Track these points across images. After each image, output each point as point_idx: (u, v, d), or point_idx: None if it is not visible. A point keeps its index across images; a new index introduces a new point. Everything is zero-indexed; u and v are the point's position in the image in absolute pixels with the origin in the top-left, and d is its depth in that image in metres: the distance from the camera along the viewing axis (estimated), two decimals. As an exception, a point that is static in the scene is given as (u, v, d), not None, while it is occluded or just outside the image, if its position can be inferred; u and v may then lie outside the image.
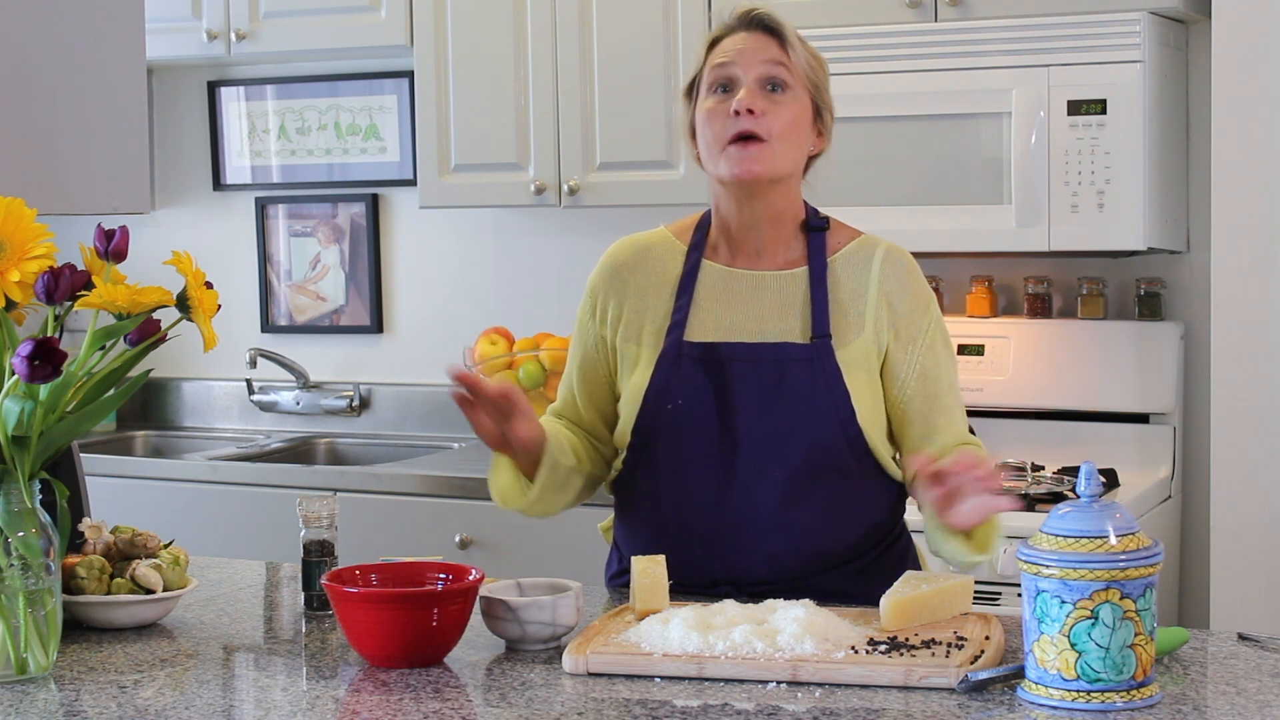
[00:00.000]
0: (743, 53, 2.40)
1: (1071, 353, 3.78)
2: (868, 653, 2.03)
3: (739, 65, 2.39)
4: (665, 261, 2.50)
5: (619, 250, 2.54)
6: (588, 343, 2.53)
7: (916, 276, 2.47)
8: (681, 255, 2.49)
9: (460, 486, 3.89)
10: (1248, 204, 3.38)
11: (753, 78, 2.39)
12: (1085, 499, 1.89)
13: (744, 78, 2.39)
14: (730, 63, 2.40)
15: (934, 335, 2.45)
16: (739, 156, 2.37)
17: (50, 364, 2.00)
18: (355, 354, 4.72)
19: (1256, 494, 3.38)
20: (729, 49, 2.41)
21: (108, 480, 4.08)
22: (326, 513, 2.44)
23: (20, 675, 2.08)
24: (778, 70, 2.39)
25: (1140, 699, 1.87)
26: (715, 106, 2.40)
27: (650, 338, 2.46)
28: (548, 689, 2.00)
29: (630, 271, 2.50)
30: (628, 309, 2.48)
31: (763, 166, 2.37)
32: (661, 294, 2.48)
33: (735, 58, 2.40)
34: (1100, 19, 3.47)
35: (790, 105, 2.40)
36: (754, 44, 2.41)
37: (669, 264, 2.50)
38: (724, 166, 2.39)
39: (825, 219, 2.48)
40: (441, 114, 4.16)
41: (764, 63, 2.39)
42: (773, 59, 2.40)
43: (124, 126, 3.06)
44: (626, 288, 2.49)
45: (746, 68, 2.39)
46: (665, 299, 2.47)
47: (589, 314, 2.53)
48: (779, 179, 2.40)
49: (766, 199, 2.42)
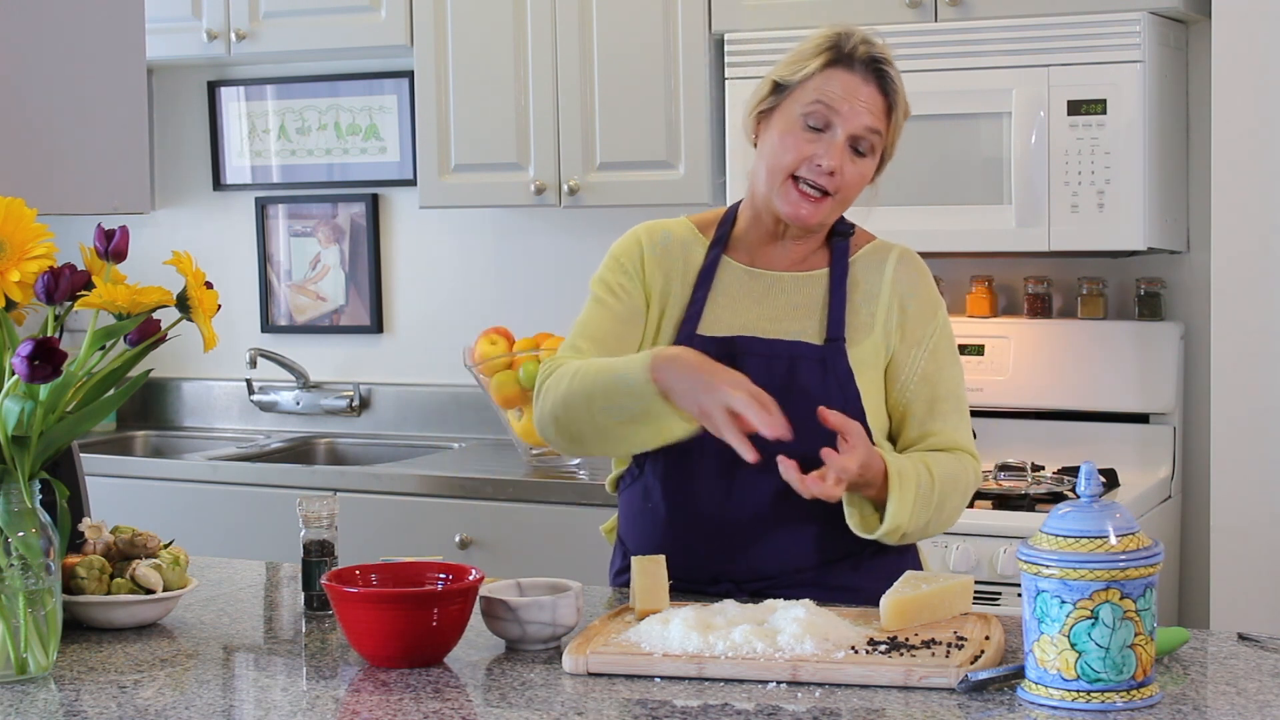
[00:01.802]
0: (852, 103, 2.38)
1: (1071, 353, 3.78)
2: (868, 653, 2.03)
3: (841, 115, 2.38)
4: (688, 251, 2.51)
5: (648, 231, 2.54)
6: (632, 303, 2.48)
7: (928, 281, 2.49)
8: (703, 249, 2.51)
9: (460, 486, 3.89)
10: (1248, 204, 3.38)
11: (847, 134, 2.39)
12: (1085, 499, 1.89)
13: (840, 130, 2.38)
14: (834, 110, 2.38)
15: (939, 340, 2.46)
16: (799, 202, 2.40)
17: (50, 364, 2.00)
18: (355, 354, 4.72)
19: (1256, 494, 3.38)
20: (840, 91, 2.39)
21: (108, 480, 4.08)
22: (326, 513, 2.44)
23: (20, 675, 2.08)
24: (873, 137, 2.41)
25: (1140, 699, 1.87)
26: (800, 138, 2.39)
27: (668, 325, 2.47)
28: (548, 689, 2.00)
29: (663, 254, 2.51)
30: (658, 289, 2.49)
31: (818, 220, 2.42)
32: (682, 283, 2.49)
33: (841, 107, 2.38)
34: (1100, 19, 3.47)
35: (865, 166, 2.42)
36: (865, 96, 2.39)
37: (691, 255, 2.51)
38: (781, 202, 2.41)
39: (851, 226, 2.50)
40: (441, 114, 4.16)
41: (864, 125, 2.39)
42: (872, 124, 2.40)
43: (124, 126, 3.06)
44: (658, 267, 2.50)
45: (847, 120, 2.38)
46: (684, 289, 2.49)
47: (631, 277, 2.49)
48: (824, 226, 2.46)
49: (803, 233, 2.47)
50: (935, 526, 2.40)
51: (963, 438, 2.46)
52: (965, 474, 2.43)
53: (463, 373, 4.30)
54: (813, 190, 2.39)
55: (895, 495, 2.31)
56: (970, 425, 2.50)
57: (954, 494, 2.40)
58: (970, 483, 2.44)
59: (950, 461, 2.41)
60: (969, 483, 2.44)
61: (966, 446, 2.46)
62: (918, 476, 2.34)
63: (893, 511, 2.32)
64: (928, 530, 2.39)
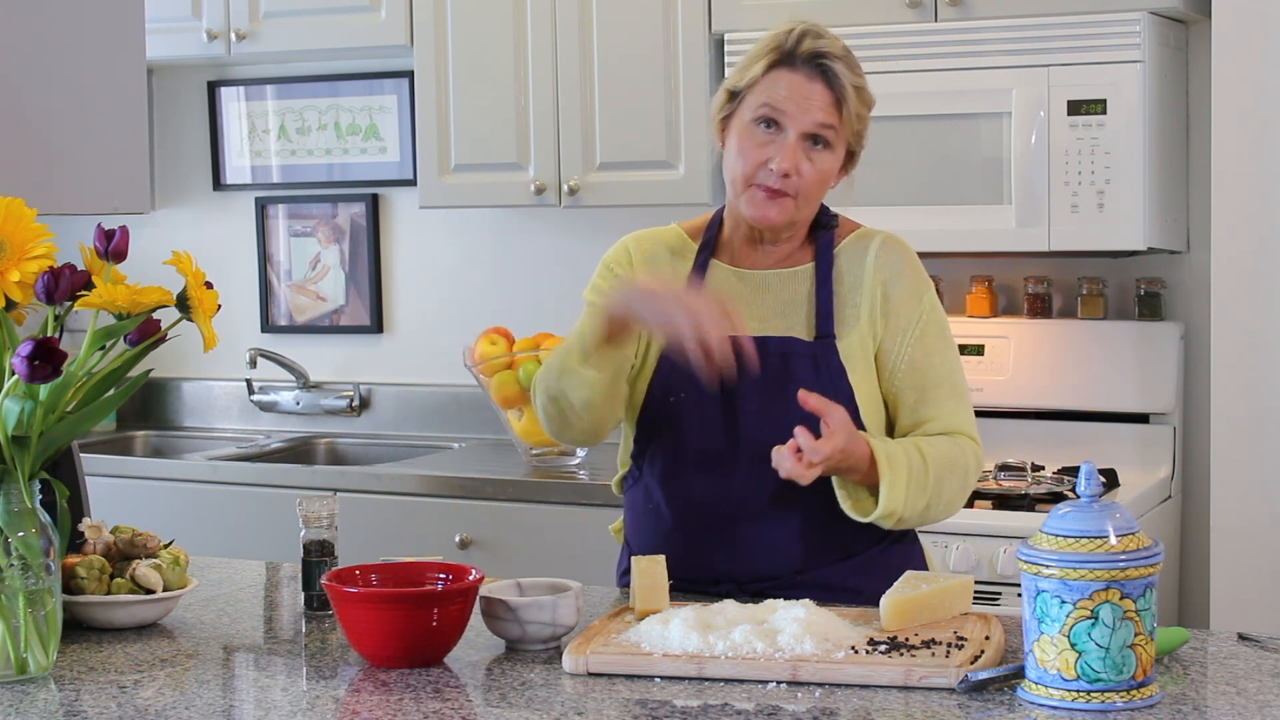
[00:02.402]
0: (799, 102, 2.38)
1: (1071, 353, 3.78)
2: (868, 653, 2.03)
3: (790, 116, 2.38)
4: (677, 258, 2.51)
5: (637, 241, 2.55)
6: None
7: (912, 265, 2.47)
8: (692, 254, 2.51)
9: (460, 486, 3.90)
10: (1248, 204, 3.38)
11: (798, 131, 2.38)
12: (1085, 499, 1.89)
13: (791, 130, 2.38)
14: (782, 112, 2.38)
15: (926, 326, 2.44)
16: (764, 203, 2.40)
17: (50, 364, 2.00)
18: (355, 354, 4.72)
19: (1256, 494, 3.38)
20: (786, 93, 2.39)
21: (108, 480, 4.08)
22: (326, 513, 2.44)
23: (20, 675, 2.08)
24: (827, 132, 2.40)
25: (1140, 699, 1.87)
26: (755, 140, 2.40)
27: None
28: (548, 689, 2.00)
29: (650, 261, 2.52)
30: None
31: (782, 219, 2.41)
32: None
33: (789, 108, 2.38)
34: (1100, 19, 3.47)
35: (825, 160, 2.41)
36: (810, 94, 2.38)
37: (681, 260, 2.51)
38: (746, 206, 2.42)
39: (834, 217, 2.49)
40: (441, 114, 4.16)
41: (815, 121, 2.38)
42: (823, 120, 2.39)
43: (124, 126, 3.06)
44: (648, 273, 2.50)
45: (796, 119, 2.38)
46: None
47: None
48: (796, 223, 2.44)
49: (776, 234, 2.46)
50: (936, 511, 2.38)
51: (959, 421, 2.43)
52: (963, 456, 2.40)
53: (463, 373, 4.30)
54: (770, 191, 2.39)
55: (886, 478, 2.30)
56: (969, 408, 2.46)
57: (950, 476, 2.37)
58: (970, 466, 2.41)
59: (945, 444, 2.39)
60: (968, 465, 2.41)
61: (964, 429, 2.43)
62: (909, 459, 2.33)
63: (885, 495, 2.31)
64: (928, 514, 2.37)
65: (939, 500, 2.37)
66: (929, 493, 2.34)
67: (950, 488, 2.38)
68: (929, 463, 2.34)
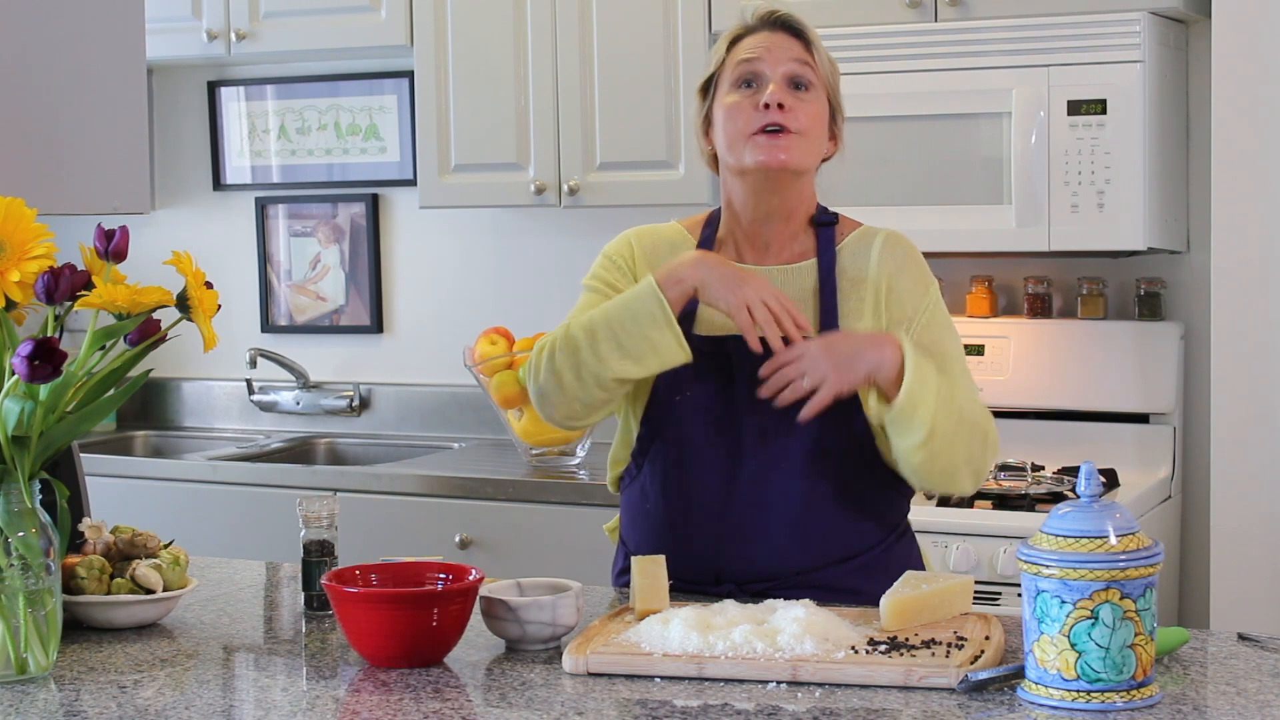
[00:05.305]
0: (770, 50, 2.42)
1: (1071, 353, 3.78)
2: (868, 653, 2.03)
3: (765, 62, 2.42)
4: (678, 253, 2.50)
5: (638, 235, 2.55)
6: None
7: (915, 260, 2.47)
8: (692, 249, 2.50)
9: (460, 486, 3.90)
10: (1248, 204, 3.38)
11: (780, 75, 2.41)
12: (1085, 499, 1.89)
13: (770, 74, 2.41)
14: (757, 59, 2.42)
15: (933, 315, 2.44)
16: (768, 145, 2.39)
17: (50, 364, 2.00)
18: (355, 354, 4.72)
19: (1256, 494, 3.38)
20: (754, 46, 2.43)
21: (108, 480, 4.08)
22: (326, 513, 2.44)
23: (20, 675, 2.08)
24: (804, 70, 2.42)
25: (1140, 699, 1.87)
26: (741, 100, 2.42)
27: None
28: (548, 689, 2.00)
29: (651, 255, 2.51)
30: None
31: (790, 156, 2.40)
32: None
33: (762, 55, 2.42)
34: (1100, 19, 3.47)
35: (814, 103, 2.43)
36: (779, 43, 2.43)
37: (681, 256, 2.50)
38: (750, 155, 2.40)
39: (834, 215, 2.50)
40: (441, 114, 4.16)
41: (790, 61, 2.42)
42: (798, 58, 2.43)
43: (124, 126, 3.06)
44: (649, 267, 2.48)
45: (773, 65, 2.41)
46: None
47: (625, 273, 2.50)
48: (801, 172, 2.43)
49: (784, 193, 2.44)
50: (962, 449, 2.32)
51: (973, 401, 2.39)
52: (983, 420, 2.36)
53: (463, 373, 4.30)
54: (772, 132, 2.39)
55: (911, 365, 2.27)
56: (977, 391, 2.43)
57: (968, 422, 2.33)
58: (988, 428, 2.37)
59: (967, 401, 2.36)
60: (987, 428, 2.37)
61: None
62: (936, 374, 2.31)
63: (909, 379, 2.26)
64: (954, 450, 2.31)
65: (959, 437, 2.31)
66: (954, 418, 2.30)
67: (969, 431, 2.33)
68: (952, 391, 2.32)
